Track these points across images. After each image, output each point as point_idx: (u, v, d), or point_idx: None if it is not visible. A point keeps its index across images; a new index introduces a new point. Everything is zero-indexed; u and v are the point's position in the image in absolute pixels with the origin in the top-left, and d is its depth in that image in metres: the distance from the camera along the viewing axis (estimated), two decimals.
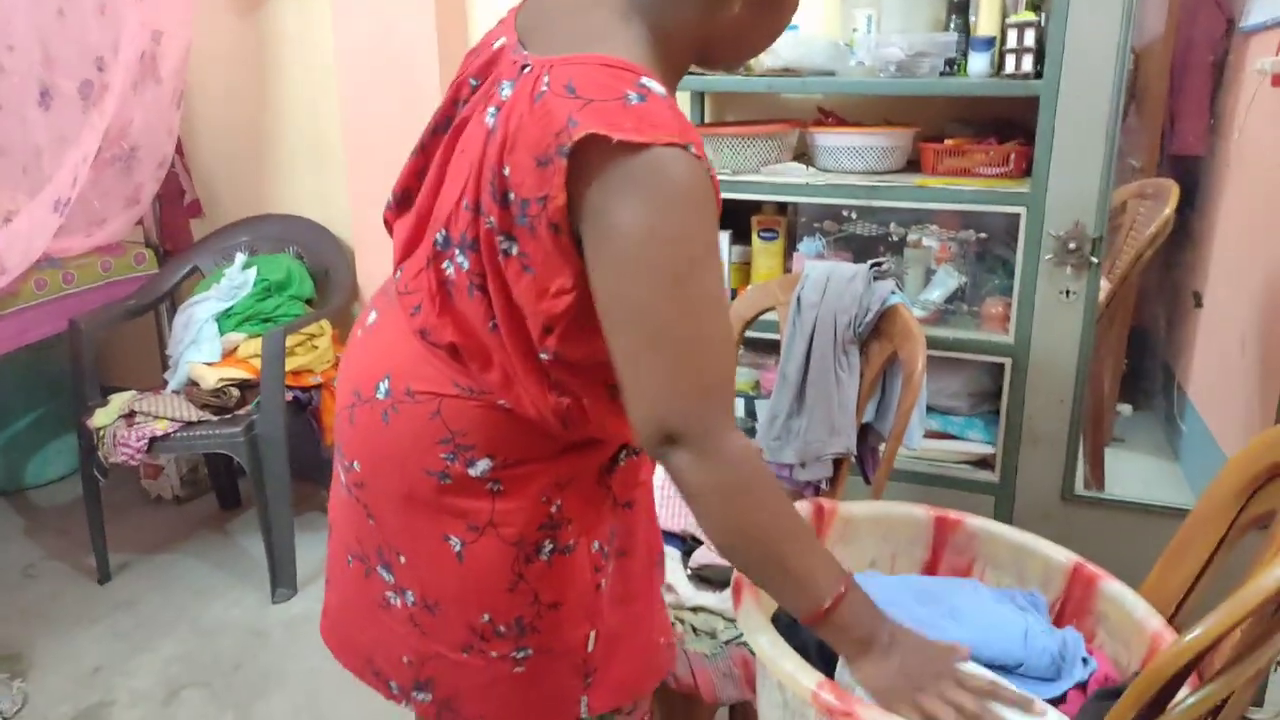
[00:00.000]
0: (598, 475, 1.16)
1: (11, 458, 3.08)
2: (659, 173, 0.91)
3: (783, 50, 2.08)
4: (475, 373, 1.07)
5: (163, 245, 3.01)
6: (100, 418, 2.48)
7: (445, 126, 1.12)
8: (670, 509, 1.85)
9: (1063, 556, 1.28)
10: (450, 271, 1.06)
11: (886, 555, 1.37)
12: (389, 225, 1.20)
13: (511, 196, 0.97)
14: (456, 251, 1.04)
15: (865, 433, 1.77)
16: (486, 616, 1.12)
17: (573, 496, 1.13)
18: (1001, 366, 2.01)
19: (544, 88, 0.95)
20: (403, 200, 1.18)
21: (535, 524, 1.10)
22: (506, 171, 0.97)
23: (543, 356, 1.02)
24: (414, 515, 1.12)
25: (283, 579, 2.55)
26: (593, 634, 1.17)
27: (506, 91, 1.00)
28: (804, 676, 0.99)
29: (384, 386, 1.11)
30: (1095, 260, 1.87)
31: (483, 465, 1.08)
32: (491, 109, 1.01)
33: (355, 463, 1.16)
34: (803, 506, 1.34)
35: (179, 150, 2.94)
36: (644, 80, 0.94)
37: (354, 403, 1.15)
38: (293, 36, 2.88)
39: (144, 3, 2.46)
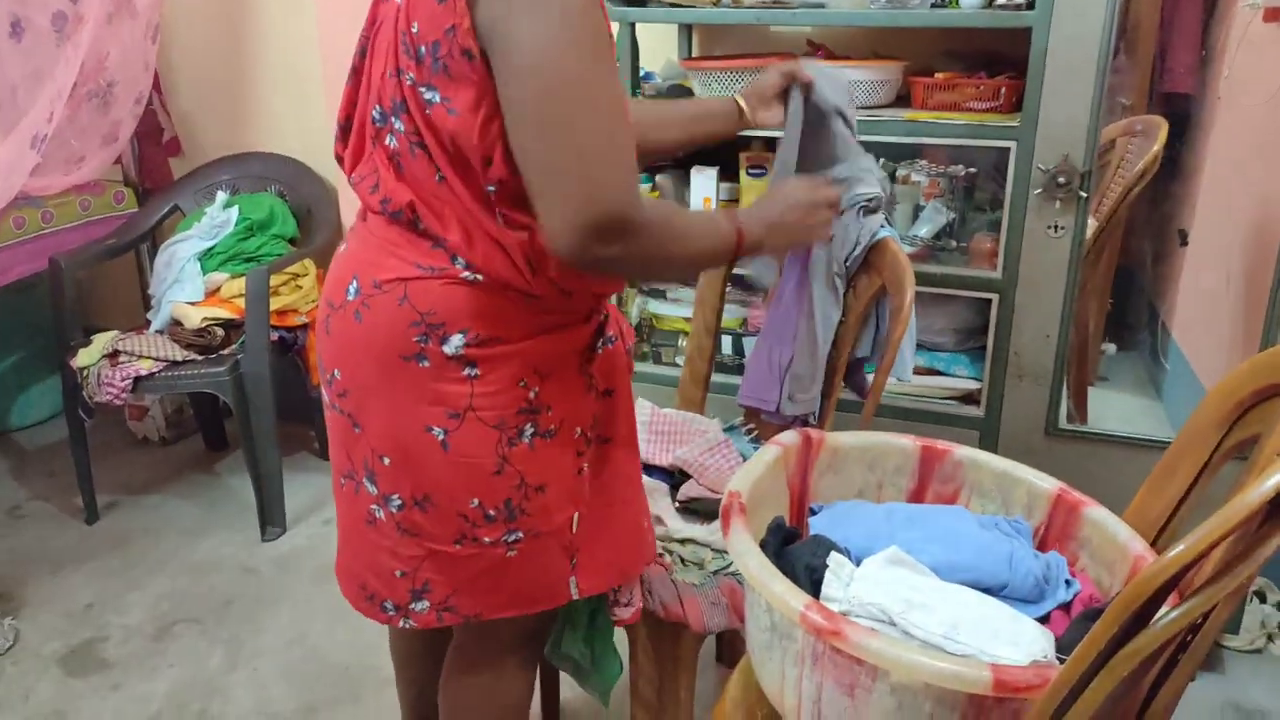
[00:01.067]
0: (578, 363, 1.21)
1: None
2: None
3: None
4: (436, 239, 1.12)
5: (142, 184, 2.97)
6: (83, 357, 2.46)
7: (367, 45, 1.18)
8: (656, 444, 1.86)
9: (1047, 484, 1.29)
10: (392, 142, 1.12)
11: (873, 484, 1.39)
12: (340, 160, 1.24)
13: (423, 50, 1.04)
14: (392, 120, 1.11)
15: (859, 365, 1.78)
16: (476, 501, 1.17)
17: (552, 384, 1.17)
18: (988, 302, 2.02)
19: None
20: (345, 129, 1.22)
21: (514, 408, 1.15)
22: (415, 29, 1.04)
23: (490, 190, 1.07)
24: (396, 410, 1.16)
25: (272, 517, 2.56)
26: (575, 515, 1.24)
27: None
28: (792, 598, 1.00)
29: (353, 287, 1.17)
30: (1084, 195, 1.86)
31: (456, 340, 1.12)
32: None
33: (336, 371, 1.20)
34: (791, 436, 1.35)
35: (156, 87, 2.89)
36: None
37: (328, 314, 1.21)
38: None
39: None
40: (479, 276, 1.11)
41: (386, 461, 1.18)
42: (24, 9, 2.58)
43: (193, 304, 2.56)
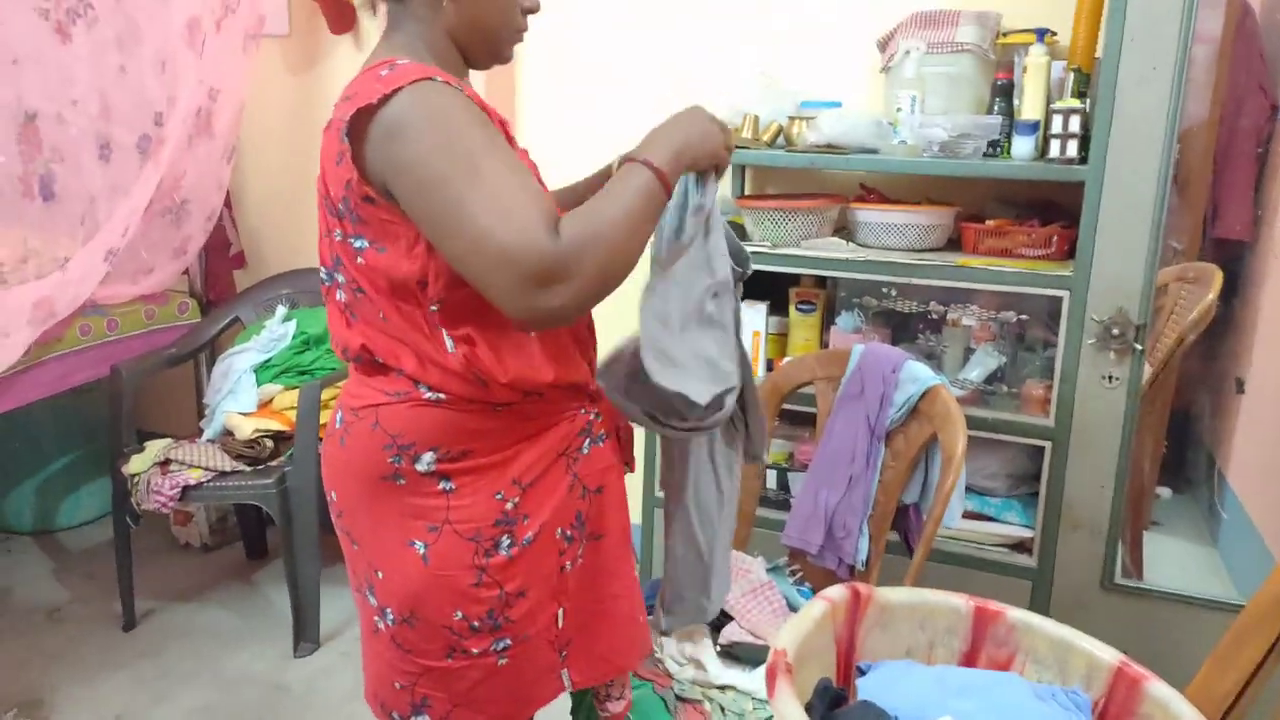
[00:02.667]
0: (564, 465, 1.26)
1: (45, 499, 3.11)
2: (413, 103, 1.05)
3: (825, 127, 2.10)
4: (395, 370, 1.18)
5: (206, 295, 3.06)
6: (136, 464, 2.50)
7: None
8: None
9: (1107, 655, 1.24)
10: (341, 296, 1.21)
11: (924, 644, 1.34)
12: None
13: (340, 207, 1.13)
14: (336, 275, 1.20)
15: (906, 512, 1.75)
16: (459, 614, 1.21)
17: (533, 492, 1.22)
18: (1040, 448, 1.99)
19: (331, 115, 1.15)
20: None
21: (490, 519, 1.20)
22: (331, 191, 1.14)
23: (434, 310, 1.14)
24: (381, 526, 1.22)
25: (307, 633, 2.54)
26: (560, 611, 1.28)
27: None
28: None
29: (339, 416, 1.26)
30: (1139, 347, 1.85)
31: (427, 458, 1.19)
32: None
33: (333, 493, 1.29)
34: (839, 591, 1.32)
35: (227, 203, 3.00)
36: (397, 60, 1.11)
37: (325, 442, 1.31)
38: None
39: (203, 61, 2.53)
40: (440, 396, 1.18)
41: (380, 575, 1.24)
42: (111, 129, 2.72)
43: (246, 414, 2.60)
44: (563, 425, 1.26)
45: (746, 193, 2.50)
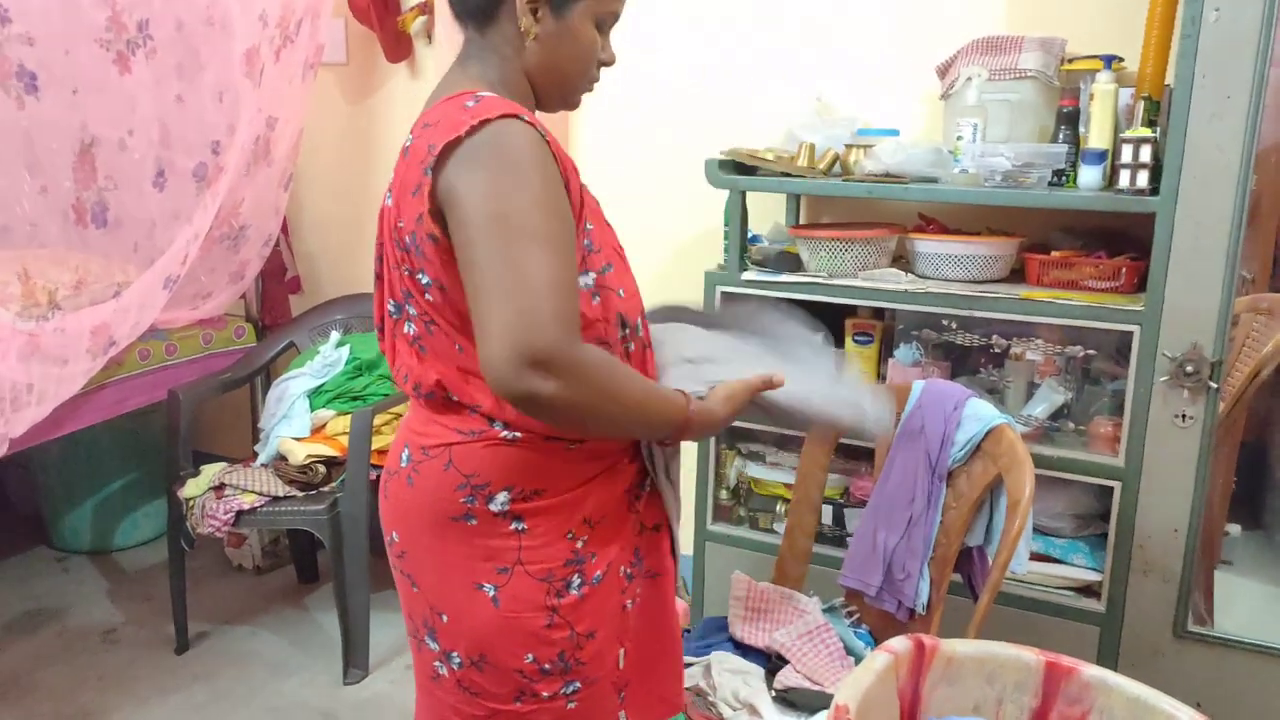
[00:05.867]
0: (627, 503, 1.26)
1: (103, 519, 3.16)
2: (495, 138, 1.06)
3: (883, 155, 2.06)
4: (470, 406, 1.18)
5: (262, 320, 3.10)
6: (191, 488, 2.52)
7: (381, 251, 1.25)
8: (753, 623, 1.79)
9: (1185, 716, 1.18)
10: (410, 329, 1.20)
11: (992, 700, 1.29)
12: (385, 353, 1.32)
13: (408, 240, 1.13)
14: (406, 308, 1.20)
15: (969, 554, 1.70)
16: (530, 657, 1.19)
17: (600, 530, 1.22)
18: (1107, 488, 1.92)
19: (409, 141, 1.15)
20: (381, 329, 1.30)
21: (561, 559, 1.19)
22: (401, 223, 1.14)
23: None
24: (449, 568, 1.21)
25: (356, 659, 2.54)
26: (621, 652, 1.27)
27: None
28: None
29: (405, 455, 1.24)
30: (1214, 385, 1.78)
31: (501, 498, 1.18)
32: (387, 193, 1.19)
33: (394, 533, 1.27)
34: (902, 643, 1.27)
35: (283, 229, 3.04)
36: (479, 92, 1.12)
37: (387, 479, 1.29)
38: (399, 123, 2.98)
39: (262, 90, 2.56)
40: (517, 434, 1.17)
41: (445, 619, 1.22)
42: (170, 156, 2.77)
43: (299, 439, 2.62)
44: (629, 464, 1.26)
45: (801, 222, 2.47)
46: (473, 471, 1.17)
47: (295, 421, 2.65)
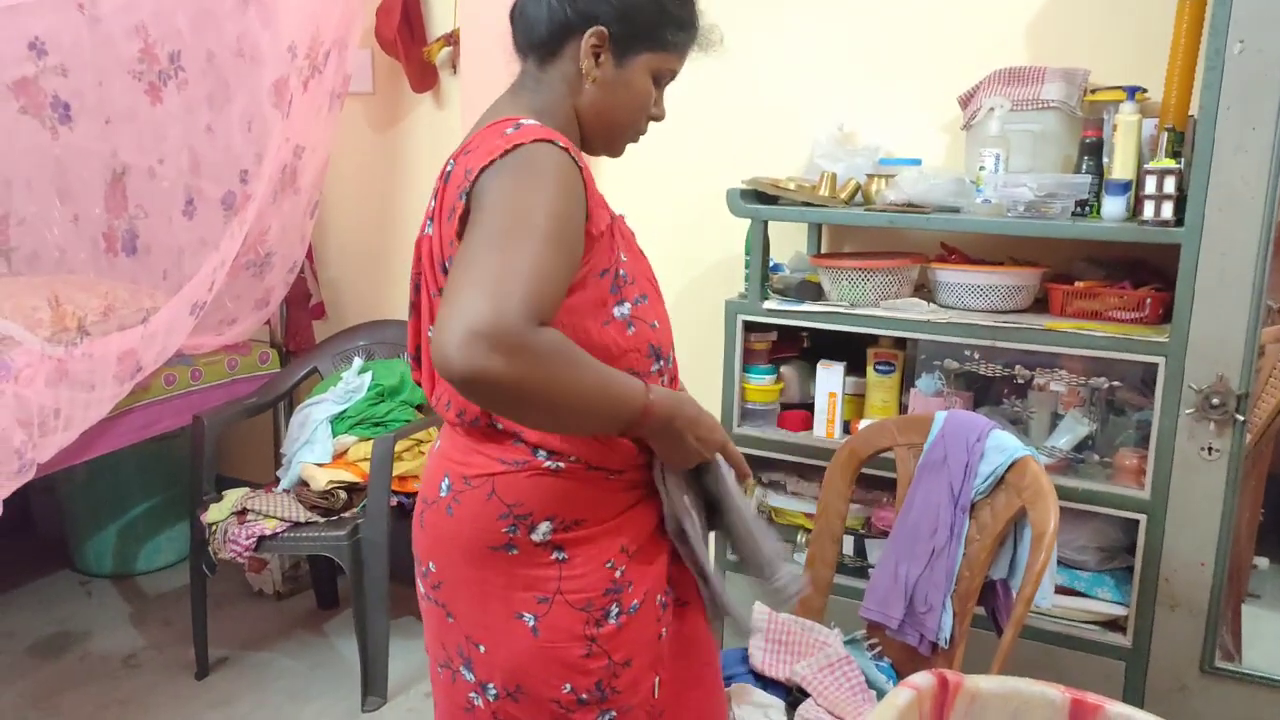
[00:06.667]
0: (661, 532, 1.26)
1: (126, 543, 3.18)
2: (526, 156, 1.07)
3: (905, 185, 2.06)
4: (514, 435, 1.17)
5: (286, 345, 3.12)
6: (214, 513, 2.54)
7: (419, 280, 1.26)
8: (773, 655, 1.78)
9: None
10: None
11: None
12: (420, 385, 1.32)
13: (448, 264, 1.13)
14: None
15: (993, 587, 1.68)
16: (568, 687, 1.19)
17: (638, 559, 1.22)
18: (1132, 520, 1.90)
19: (450, 167, 1.16)
20: (417, 357, 1.31)
21: (600, 589, 1.19)
22: (443, 248, 1.16)
23: None
24: (487, 598, 1.20)
25: (374, 686, 2.53)
26: (656, 680, 1.26)
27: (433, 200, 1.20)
28: None
29: (445, 484, 1.23)
30: (1241, 418, 1.76)
31: (544, 528, 1.18)
32: (428, 220, 1.21)
33: (431, 564, 1.26)
34: (925, 679, 1.26)
35: (308, 255, 3.07)
36: (522, 120, 1.13)
37: (423, 509, 1.27)
38: (424, 152, 3.02)
39: (290, 119, 2.60)
40: (560, 465, 1.17)
41: (482, 649, 1.22)
42: (199, 184, 2.81)
43: (321, 465, 2.63)
44: (658, 499, 1.26)
45: (823, 251, 2.47)
46: (516, 501, 1.17)
47: (317, 447, 2.66)
